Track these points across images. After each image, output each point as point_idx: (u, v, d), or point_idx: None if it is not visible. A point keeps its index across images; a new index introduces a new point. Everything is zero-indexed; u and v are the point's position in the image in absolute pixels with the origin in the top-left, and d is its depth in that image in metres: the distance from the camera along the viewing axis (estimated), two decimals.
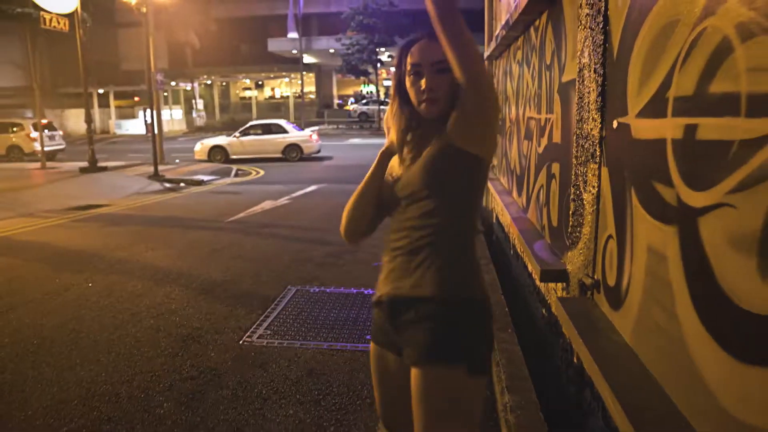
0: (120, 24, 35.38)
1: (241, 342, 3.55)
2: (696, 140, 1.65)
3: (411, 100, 1.58)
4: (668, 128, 1.84)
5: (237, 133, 18.23)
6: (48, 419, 2.69)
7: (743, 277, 1.38)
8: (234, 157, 17.63)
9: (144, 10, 15.11)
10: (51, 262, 5.66)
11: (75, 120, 37.61)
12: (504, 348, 3.06)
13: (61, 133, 21.00)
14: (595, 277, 2.75)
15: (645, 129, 2.08)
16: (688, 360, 1.67)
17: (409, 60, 1.57)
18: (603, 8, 2.61)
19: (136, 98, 39.97)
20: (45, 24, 14.06)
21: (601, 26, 2.63)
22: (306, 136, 17.94)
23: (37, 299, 4.48)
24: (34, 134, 18.88)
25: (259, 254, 5.87)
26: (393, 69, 1.65)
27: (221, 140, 18.27)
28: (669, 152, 1.83)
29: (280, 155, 17.64)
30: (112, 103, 40.36)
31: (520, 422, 2.31)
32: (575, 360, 2.97)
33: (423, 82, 1.53)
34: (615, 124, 2.43)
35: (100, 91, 38.22)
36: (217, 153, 17.69)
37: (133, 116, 38.63)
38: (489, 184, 6.63)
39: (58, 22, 14.37)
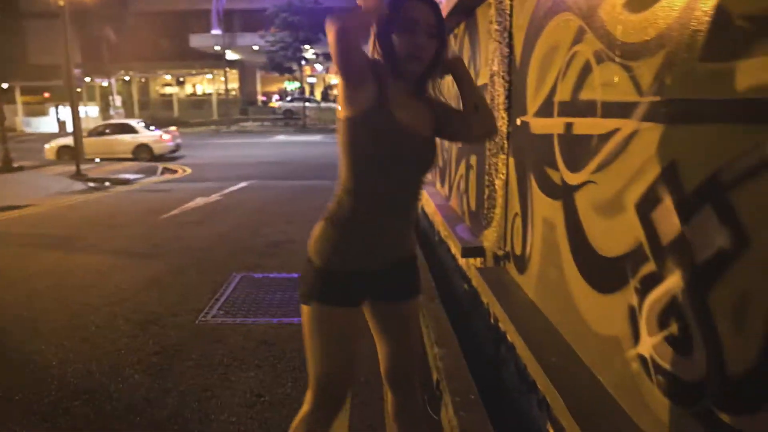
0: (25, 14, 33.47)
1: (197, 322, 3.87)
2: (572, 134, 2.20)
3: (391, 52, 1.64)
4: (554, 125, 2.39)
5: (86, 133, 18.21)
6: (27, 394, 2.91)
7: (600, 232, 1.93)
8: (86, 157, 17.27)
9: (61, 2, 14.61)
10: None
11: None
12: (432, 314, 3.56)
13: None
14: (506, 249, 3.32)
15: (539, 126, 2.64)
16: (569, 300, 2.22)
17: (403, 15, 1.62)
18: (508, 25, 3.16)
19: (46, 94, 37.94)
20: None
21: (507, 41, 3.18)
22: (156, 137, 18.00)
23: None
24: None
25: (200, 246, 6.12)
26: (380, 18, 1.63)
27: (70, 140, 17.79)
28: (555, 144, 2.38)
29: (130, 156, 17.60)
30: (19, 99, 38.11)
31: (447, 367, 2.82)
32: (492, 321, 3.52)
33: (417, 40, 1.62)
34: (518, 121, 2.98)
35: (4, 85, 35.98)
36: (65, 152, 17.30)
37: (43, 113, 36.69)
38: None
39: None
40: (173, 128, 20.13)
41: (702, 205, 1.33)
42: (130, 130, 18.15)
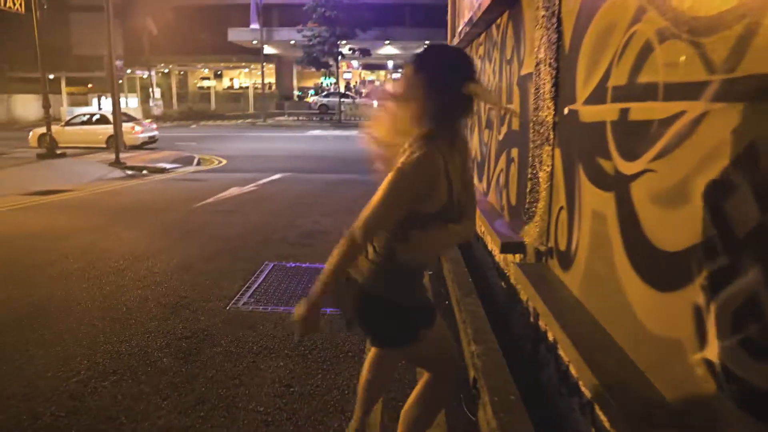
0: (72, 7, 34.41)
1: (227, 308, 3.83)
2: (628, 121, 2.05)
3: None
4: (607, 112, 2.24)
5: (63, 123, 18.98)
6: (57, 372, 2.92)
7: (661, 224, 1.79)
8: (62, 145, 17.61)
9: None
10: (26, 241, 5.75)
11: (22, 106, 36.38)
12: (469, 309, 3.44)
13: None
14: (549, 245, 3.17)
15: (590, 114, 2.49)
16: (621, 297, 2.08)
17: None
18: (557, 11, 3.01)
19: (90, 85, 38.94)
20: (1, 5, 13.76)
21: (555, 26, 3.03)
22: (128, 128, 18.42)
23: (21, 272, 4.62)
24: None
25: (234, 235, 6.11)
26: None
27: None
28: (608, 132, 2.23)
29: (104, 146, 18.00)
30: (64, 89, 39.20)
31: (485, 364, 2.70)
32: (531, 320, 3.38)
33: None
34: (566, 110, 2.83)
35: (51, 76, 36.99)
36: (44, 140, 17.66)
37: (86, 103, 37.58)
38: None
39: (14, 3, 14.08)
40: (148, 120, 20.92)
41: None
42: (104, 120, 18.47)
